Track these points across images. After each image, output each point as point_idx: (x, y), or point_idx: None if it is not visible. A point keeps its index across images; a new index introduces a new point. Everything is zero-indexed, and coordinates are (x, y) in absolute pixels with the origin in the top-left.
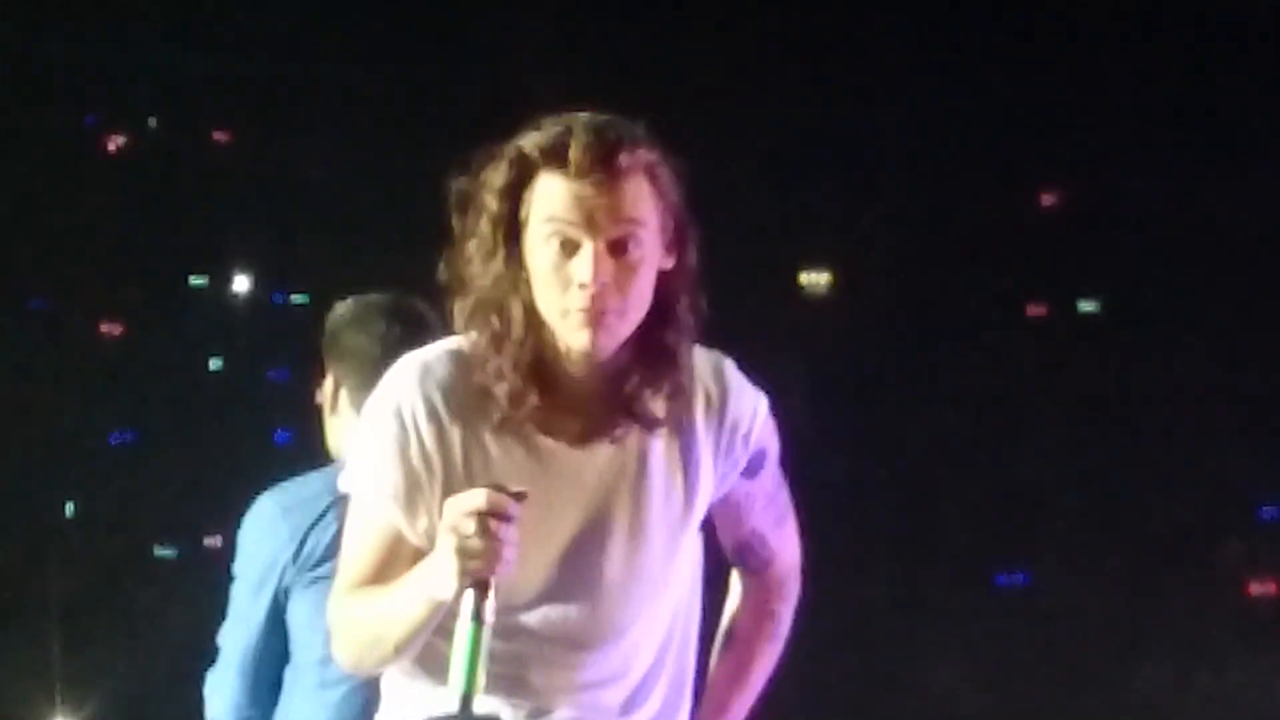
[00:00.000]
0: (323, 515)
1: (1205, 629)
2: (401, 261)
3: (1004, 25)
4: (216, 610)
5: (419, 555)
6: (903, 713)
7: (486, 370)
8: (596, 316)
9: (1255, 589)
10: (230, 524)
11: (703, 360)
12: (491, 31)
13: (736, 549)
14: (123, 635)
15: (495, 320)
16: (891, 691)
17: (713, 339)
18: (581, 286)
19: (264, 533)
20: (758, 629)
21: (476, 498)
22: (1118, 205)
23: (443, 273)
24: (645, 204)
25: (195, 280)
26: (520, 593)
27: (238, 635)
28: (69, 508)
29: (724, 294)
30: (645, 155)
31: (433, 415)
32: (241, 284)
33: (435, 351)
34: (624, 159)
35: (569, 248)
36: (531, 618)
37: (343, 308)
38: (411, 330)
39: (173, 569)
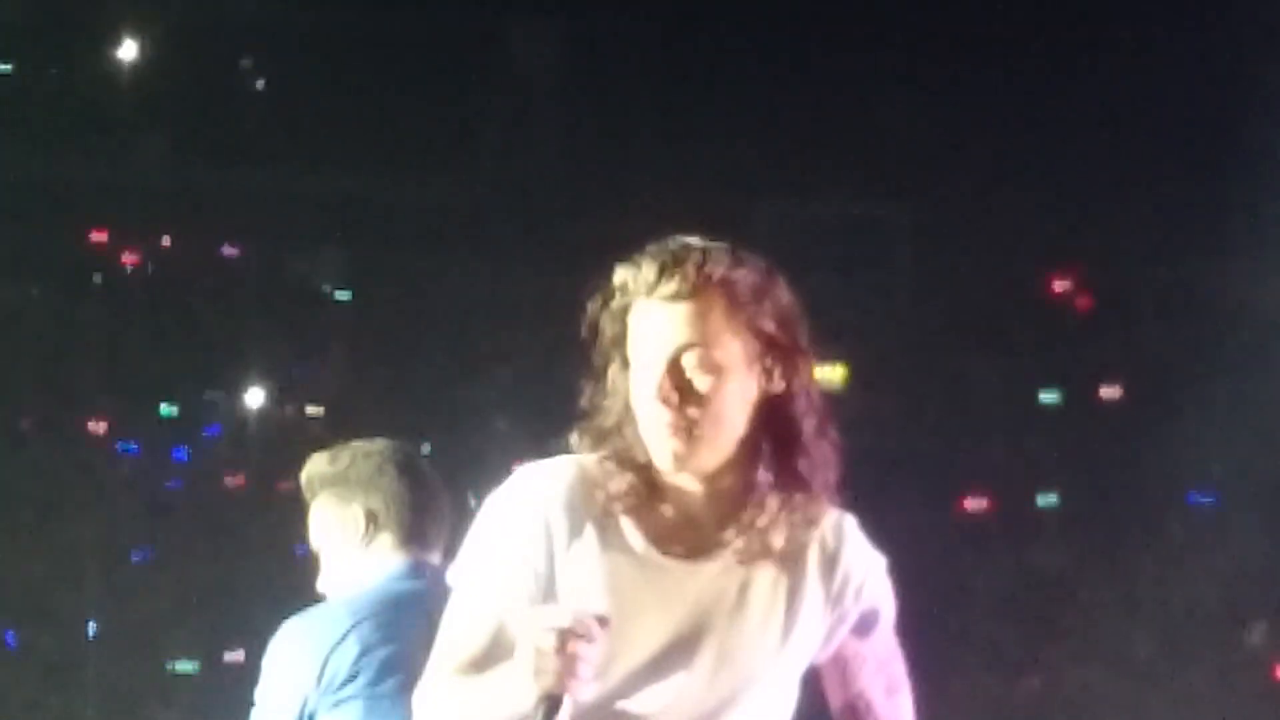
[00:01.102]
0: (344, 638)
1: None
2: (411, 375)
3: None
4: None
5: (511, 641)
6: None
7: (607, 479)
8: (670, 430)
9: None
10: (251, 637)
11: (829, 514)
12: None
13: (842, 712)
14: None
15: (616, 440)
16: None
17: None
18: (654, 399)
19: (288, 659)
20: None
21: (560, 615)
22: (1133, 290)
23: (584, 399)
24: (719, 320)
25: (210, 395)
26: (601, 699)
27: None
28: (90, 627)
29: None
30: (725, 273)
31: (558, 520)
32: (257, 397)
33: (555, 462)
34: (693, 274)
35: (647, 368)
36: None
37: (368, 448)
38: (433, 482)
39: (194, 685)
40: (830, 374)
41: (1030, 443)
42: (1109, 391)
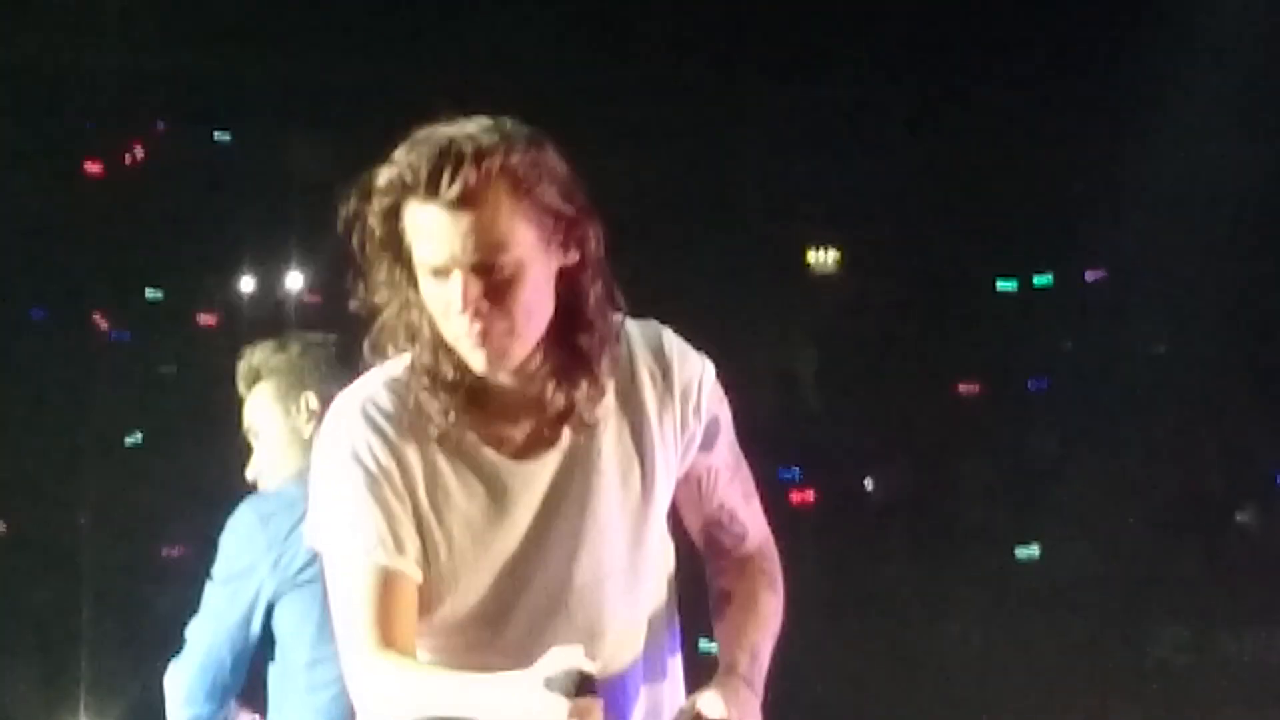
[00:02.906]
0: (299, 522)
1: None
2: None
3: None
4: None
5: (413, 587)
6: (923, 682)
7: (417, 392)
8: (482, 339)
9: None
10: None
11: (639, 335)
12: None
13: (706, 529)
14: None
15: (408, 345)
16: (908, 665)
17: (721, 318)
18: (457, 311)
19: (242, 539)
20: (751, 583)
21: (560, 708)
22: (1122, 178)
23: (355, 302)
24: (508, 214)
25: (207, 281)
26: (486, 609)
27: (205, 631)
28: (83, 513)
29: (732, 273)
30: (500, 163)
31: (389, 449)
32: (248, 285)
33: (371, 384)
34: (473, 175)
35: (441, 274)
36: (501, 632)
37: (314, 339)
38: None
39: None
40: (825, 258)
41: (1023, 326)
42: (1095, 275)
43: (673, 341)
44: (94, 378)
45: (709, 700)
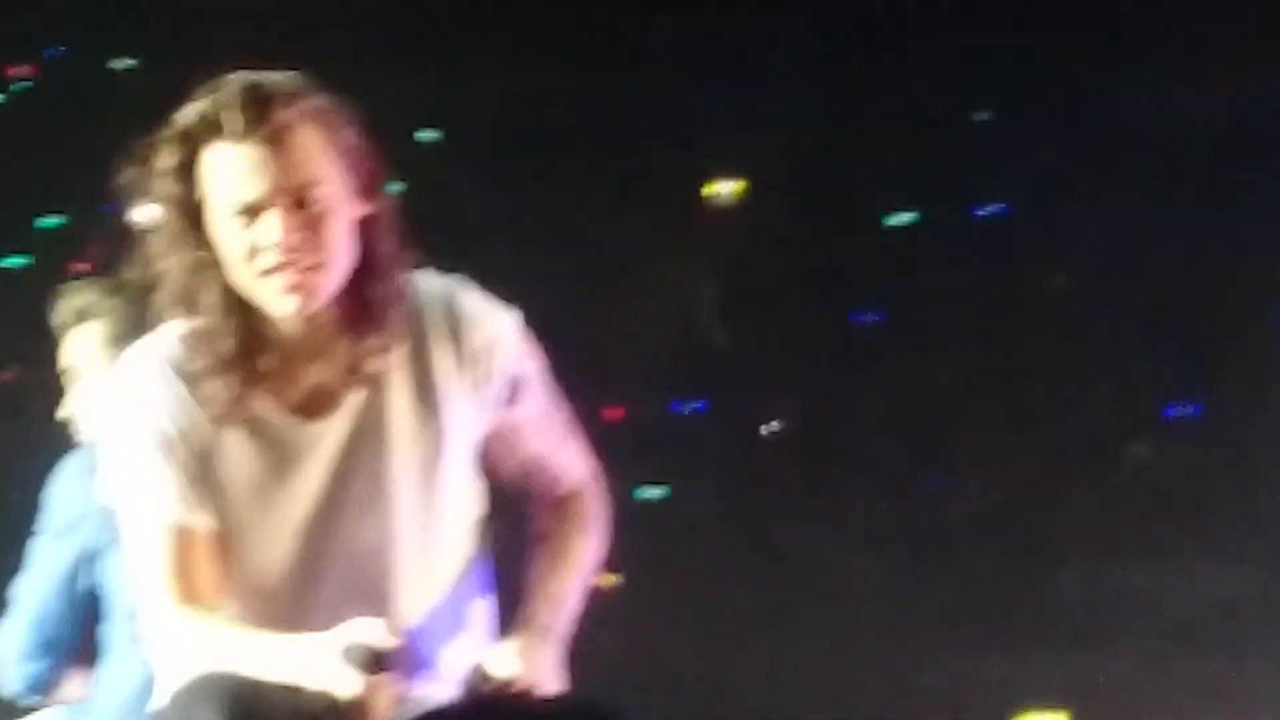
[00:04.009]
0: None
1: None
2: None
3: None
4: None
5: (211, 542)
6: (822, 619)
7: (199, 364)
8: (295, 278)
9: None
10: None
11: (435, 293)
12: None
13: (519, 477)
14: None
15: (194, 311)
16: (808, 597)
17: (627, 249)
18: (272, 250)
19: (69, 491)
20: (562, 525)
21: (352, 682)
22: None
23: (132, 271)
24: (319, 154)
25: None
26: (270, 577)
27: (33, 585)
28: None
29: (631, 206)
30: (307, 105)
31: (179, 405)
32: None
33: (161, 342)
34: (284, 114)
35: (251, 214)
36: (299, 593)
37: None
38: None
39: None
40: (730, 189)
41: (923, 257)
42: (988, 211)
43: (468, 298)
44: None
45: (499, 656)
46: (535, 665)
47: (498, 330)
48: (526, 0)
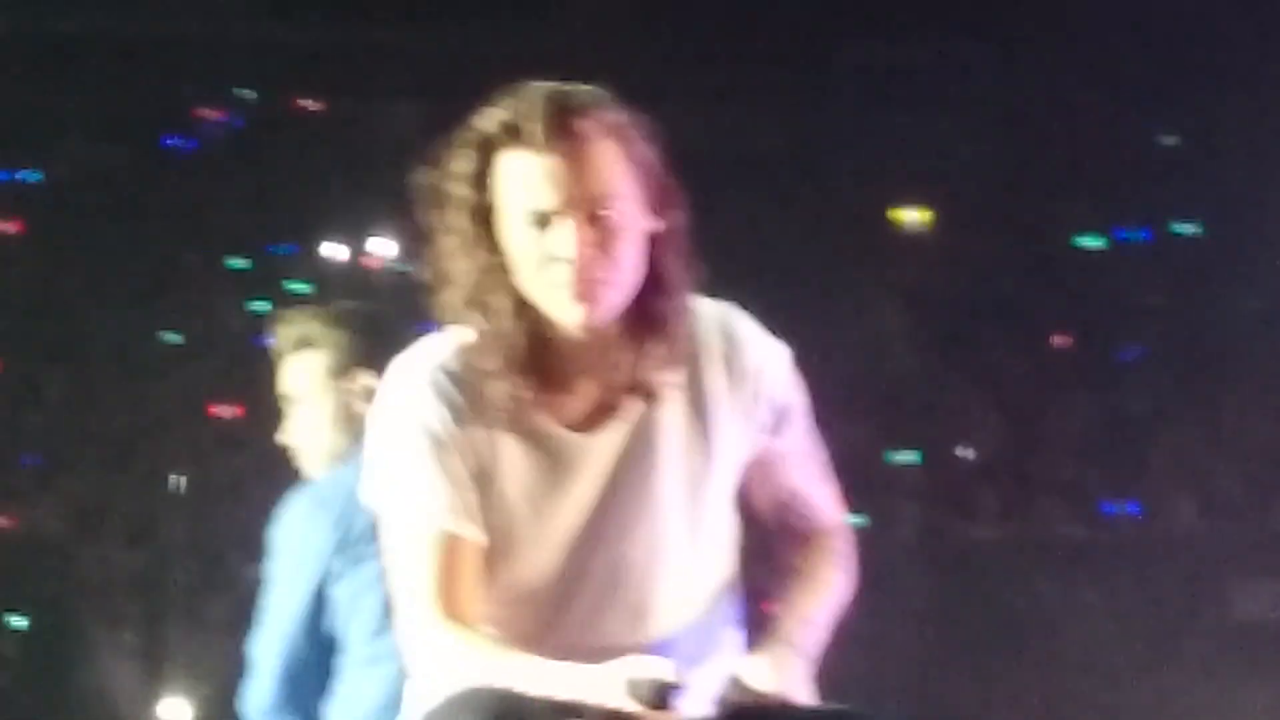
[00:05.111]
0: (355, 503)
1: None
2: None
3: None
4: None
5: (478, 553)
6: (1021, 641)
7: (483, 367)
8: (585, 289)
9: None
10: None
11: (711, 315)
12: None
13: (775, 512)
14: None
15: (482, 315)
16: (998, 622)
17: (810, 279)
18: (565, 261)
19: (302, 528)
20: (816, 557)
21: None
22: (1226, 143)
23: (424, 271)
24: (617, 168)
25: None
26: (542, 587)
27: (273, 638)
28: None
29: (820, 233)
30: (609, 118)
31: (455, 416)
32: (338, 250)
33: (437, 350)
34: (585, 125)
35: (546, 224)
36: (561, 606)
37: (368, 310)
38: None
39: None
40: (918, 217)
41: (1114, 284)
42: (1189, 228)
43: (745, 324)
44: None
45: (754, 668)
46: (788, 678)
47: (769, 356)
48: (716, 32)
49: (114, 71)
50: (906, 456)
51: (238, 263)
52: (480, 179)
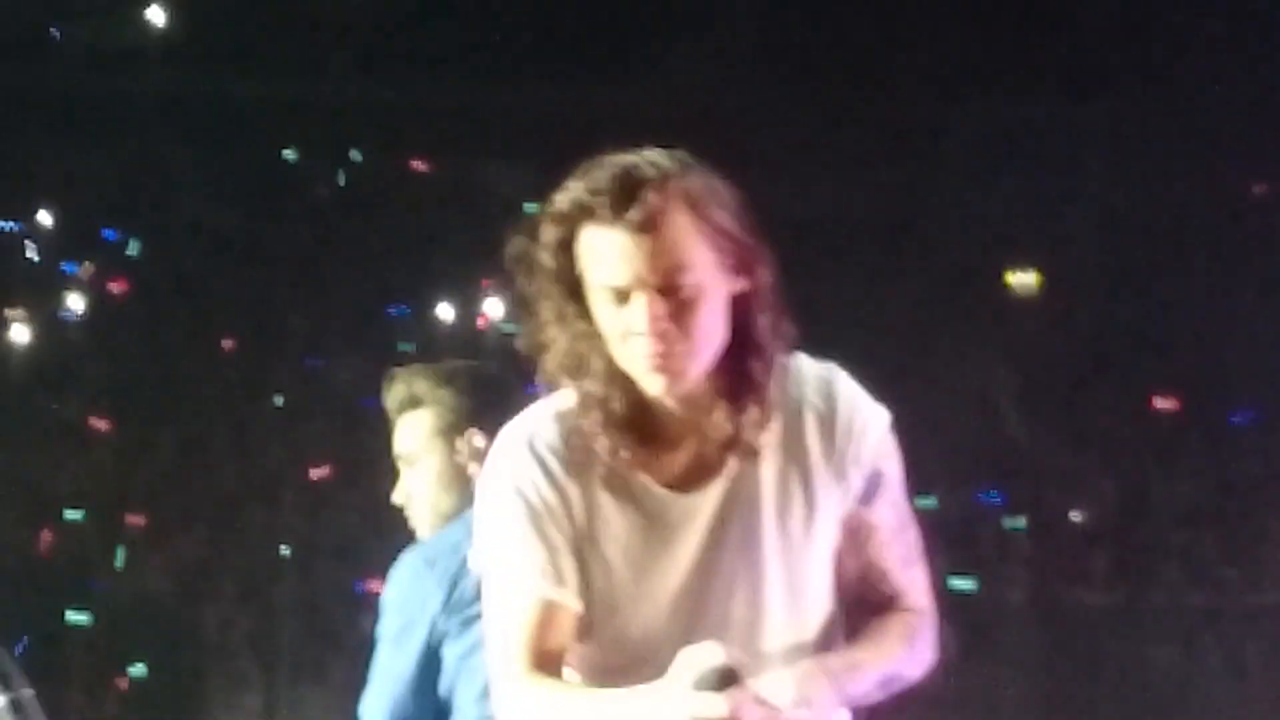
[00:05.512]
0: (464, 564)
1: None
2: None
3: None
4: None
5: (572, 618)
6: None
7: (583, 428)
8: (662, 361)
9: None
10: None
11: (812, 374)
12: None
13: (855, 583)
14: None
15: (578, 379)
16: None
17: (918, 337)
18: (640, 335)
19: (412, 587)
20: (886, 624)
21: (719, 705)
22: None
23: (522, 340)
24: (689, 237)
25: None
26: (647, 645)
27: (382, 698)
28: (285, 549)
29: (931, 294)
30: (681, 187)
31: (552, 483)
32: (446, 311)
33: (537, 418)
34: (655, 198)
35: (622, 298)
36: (659, 666)
37: (478, 369)
38: None
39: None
40: (1024, 280)
41: (1226, 348)
42: None
43: (846, 384)
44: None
45: (774, 680)
46: (809, 695)
47: (869, 420)
48: (825, 93)
49: (222, 132)
50: (1015, 522)
51: (347, 323)
52: (565, 250)
